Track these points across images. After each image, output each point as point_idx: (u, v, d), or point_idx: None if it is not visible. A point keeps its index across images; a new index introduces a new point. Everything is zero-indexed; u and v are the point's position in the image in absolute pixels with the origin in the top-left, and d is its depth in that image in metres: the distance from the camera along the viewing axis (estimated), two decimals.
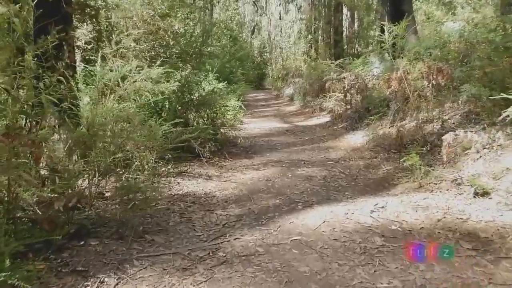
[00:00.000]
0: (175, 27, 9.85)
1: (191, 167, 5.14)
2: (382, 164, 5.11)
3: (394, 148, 5.60)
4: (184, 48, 6.87)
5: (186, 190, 4.12)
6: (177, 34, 10.99)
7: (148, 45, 7.85)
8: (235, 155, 6.08)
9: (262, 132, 8.65)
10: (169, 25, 8.86)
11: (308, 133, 8.30)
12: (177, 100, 5.77)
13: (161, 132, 4.46)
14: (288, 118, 10.99)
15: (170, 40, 8.37)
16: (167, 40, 8.35)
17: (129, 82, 3.93)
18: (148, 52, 8.04)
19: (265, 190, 4.16)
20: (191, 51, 6.18)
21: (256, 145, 6.94)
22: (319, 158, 5.77)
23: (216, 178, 4.69)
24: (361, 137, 6.82)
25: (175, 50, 8.35)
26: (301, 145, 6.93)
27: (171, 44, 8.49)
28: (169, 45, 8.46)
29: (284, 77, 19.21)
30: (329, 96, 10.43)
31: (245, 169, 5.15)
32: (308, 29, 19.43)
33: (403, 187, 4.10)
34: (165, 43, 8.32)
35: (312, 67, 13.82)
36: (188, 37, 7.34)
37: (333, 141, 7.14)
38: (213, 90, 5.80)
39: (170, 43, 8.48)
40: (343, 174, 4.80)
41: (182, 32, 10.96)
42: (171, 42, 8.49)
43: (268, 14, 31.10)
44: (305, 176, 4.71)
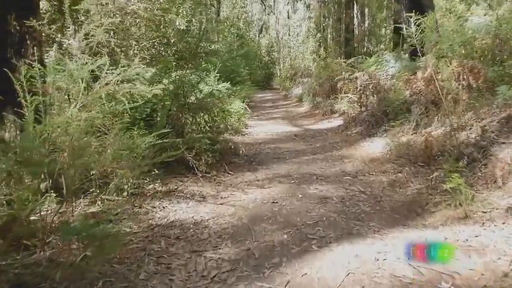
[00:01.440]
0: (176, 23, 9.05)
1: (184, 183, 4.31)
2: (410, 181, 4.22)
3: (422, 161, 4.71)
4: (179, 44, 6.01)
5: (172, 218, 3.28)
6: (180, 31, 10.21)
7: (149, 43, 7.04)
8: (237, 166, 5.23)
9: (269, 137, 7.79)
10: (170, 20, 8.05)
11: (319, 138, 7.42)
12: (172, 104, 4.94)
13: (144, 145, 3.64)
14: (297, 121, 10.11)
15: (171, 37, 7.56)
16: (168, 37, 7.54)
17: (100, 84, 3.11)
18: (148, 50, 7.23)
19: (270, 218, 3.30)
20: (188, 48, 5.37)
21: (262, 154, 6.09)
22: (334, 171, 4.90)
23: (211, 199, 3.85)
24: (380, 145, 5.92)
25: (176, 48, 7.54)
26: (312, 153, 6.05)
27: (172, 41, 7.69)
28: (170, 42, 7.66)
29: (292, 77, 18.32)
30: (341, 97, 9.55)
31: (247, 186, 4.30)
32: (317, 27, 18.48)
33: (443, 216, 3.21)
34: (166, 41, 7.51)
35: (321, 67, 12.91)
36: (185, 32, 6.47)
37: (348, 149, 6.25)
38: (211, 92, 4.95)
39: (171, 41, 7.67)
40: (364, 194, 3.92)
41: (184, 29, 10.17)
42: (172, 40, 7.68)
43: (276, 13, 30.21)
44: (319, 196, 3.84)
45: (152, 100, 4.86)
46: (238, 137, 7.59)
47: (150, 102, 4.84)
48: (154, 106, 4.82)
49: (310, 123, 9.57)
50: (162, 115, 4.57)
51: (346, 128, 7.92)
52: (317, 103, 11.35)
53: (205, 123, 4.95)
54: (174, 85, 4.96)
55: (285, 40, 27.16)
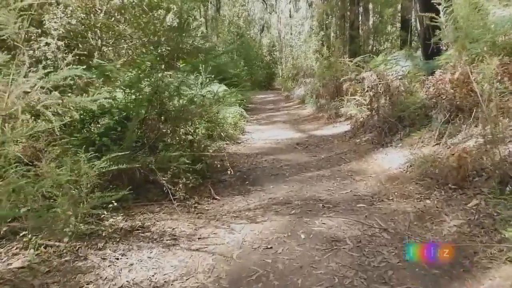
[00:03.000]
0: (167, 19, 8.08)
1: (154, 215, 3.33)
2: (443, 212, 3.22)
3: (454, 182, 3.71)
4: (164, 42, 5.03)
5: (122, 281, 2.30)
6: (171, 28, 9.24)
7: (138, 42, 6.06)
8: (226, 187, 4.25)
9: (267, 145, 6.80)
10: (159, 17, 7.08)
11: (324, 147, 6.42)
12: (147, 112, 3.97)
13: (95, 170, 2.67)
14: (299, 125, 9.11)
15: (161, 35, 6.59)
16: (159, 35, 6.57)
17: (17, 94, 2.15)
18: (136, 49, 6.26)
19: (260, 278, 2.32)
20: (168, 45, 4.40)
21: (257, 169, 5.09)
22: (344, 194, 3.90)
23: (185, 241, 2.86)
24: (397, 158, 4.92)
25: (167, 47, 6.56)
26: (316, 168, 5.06)
27: (162, 40, 6.71)
28: (161, 41, 6.68)
29: (294, 77, 17.30)
30: (347, 99, 8.54)
31: (234, 218, 3.31)
32: (320, 25, 17.46)
33: (505, 276, 2.22)
34: (156, 39, 6.54)
35: (325, 66, 11.90)
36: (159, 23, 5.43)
37: (358, 161, 5.25)
38: (192, 99, 3.97)
39: (162, 39, 6.69)
40: (386, 233, 2.92)
41: (176, 26, 9.19)
42: (162, 38, 6.70)
43: (278, 12, 29.22)
44: (327, 238, 2.85)
45: (122, 108, 3.89)
46: (232, 146, 6.61)
47: (117, 112, 3.87)
48: (122, 115, 3.84)
49: (313, 128, 8.57)
50: (131, 127, 3.59)
51: (354, 135, 6.92)
52: (321, 105, 10.35)
53: (185, 136, 3.97)
54: (149, 90, 3.99)
55: (287, 39, 26.17)
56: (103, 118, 3.58)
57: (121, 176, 3.63)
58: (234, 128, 7.84)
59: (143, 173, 3.49)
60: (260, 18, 28.51)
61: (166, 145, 3.78)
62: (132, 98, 4.12)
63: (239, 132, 7.88)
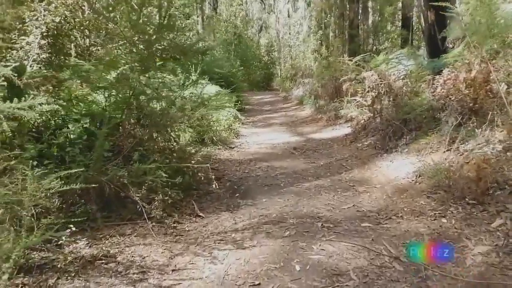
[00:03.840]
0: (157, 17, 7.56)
1: (125, 239, 2.82)
2: (463, 234, 2.71)
3: (472, 196, 3.20)
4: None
5: None
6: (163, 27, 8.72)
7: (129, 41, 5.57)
8: (213, 201, 3.73)
9: (262, 150, 6.29)
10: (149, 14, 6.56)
11: (323, 152, 5.91)
12: (123, 118, 3.46)
13: (42, 191, 2.16)
14: (297, 128, 8.60)
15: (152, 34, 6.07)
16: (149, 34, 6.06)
17: None
18: (126, 49, 5.76)
19: None
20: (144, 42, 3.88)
21: (250, 178, 4.58)
22: (346, 210, 3.39)
23: (155, 275, 2.35)
24: (404, 166, 4.40)
25: (159, 46, 6.04)
26: (314, 176, 4.55)
27: (153, 39, 6.19)
28: (151, 40, 6.17)
29: (292, 77, 16.79)
30: (347, 100, 8.04)
31: (218, 242, 2.79)
32: (319, 24, 16.95)
33: None
34: (146, 37, 6.02)
35: (324, 66, 11.40)
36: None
37: (361, 169, 4.74)
38: (172, 102, 3.45)
39: (152, 38, 6.18)
40: (397, 263, 2.40)
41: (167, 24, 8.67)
42: (153, 37, 6.19)
43: (276, 12, 28.73)
44: (326, 270, 2.33)
45: (91, 112, 3.38)
46: (225, 151, 6.10)
47: (88, 116, 3.36)
48: (95, 121, 3.33)
49: (312, 130, 8.05)
50: (101, 135, 3.08)
51: (356, 139, 6.41)
52: (319, 106, 9.83)
53: (165, 143, 3.45)
54: (124, 92, 3.48)
55: (285, 39, 25.68)
56: (73, 125, 3.06)
57: (90, 192, 3.12)
58: (228, 131, 7.33)
59: (113, 189, 2.97)
60: (258, 18, 28.01)
61: (142, 155, 3.26)
62: (108, 102, 3.62)
63: (233, 136, 7.37)
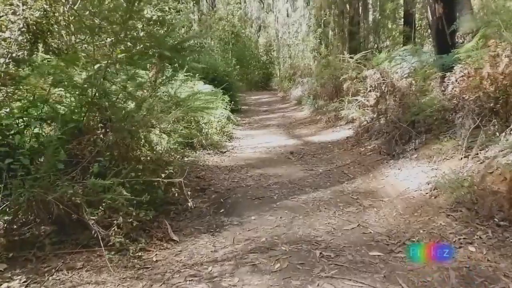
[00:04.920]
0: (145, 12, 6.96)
1: (71, 277, 2.21)
2: (500, 270, 2.11)
3: (500, 214, 2.61)
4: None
5: None
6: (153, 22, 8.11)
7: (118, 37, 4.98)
8: (191, 220, 3.13)
9: (256, 155, 5.68)
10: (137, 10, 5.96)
11: (322, 157, 5.30)
12: (84, 120, 2.86)
13: None
14: (294, 130, 7.99)
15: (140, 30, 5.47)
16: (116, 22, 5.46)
17: None
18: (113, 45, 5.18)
19: None
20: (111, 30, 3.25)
21: (239, 189, 3.97)
22: (350, 232, 2.78)
23: None
24: (414, 174, 3.80)
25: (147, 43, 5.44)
26: (313, 187, 3.94)
27: (141, 35, 5.60)
28: (140, 37, 5.58)
29: (291, 77, 16.17)
30: (348, 100, 7.45)
31: (190, 281, 2.19)
32: (318, 22, 16.32)
33: None
34: (135, 34, 5.43)
35: (323, 65, 10.80)
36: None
37: (365, 178, 4.13)
38: (141, 103, 2.84)
39: (141, 34, 5.59)
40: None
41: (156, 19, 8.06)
42: (141, 33, 5.59)
43: (275, 11, 28.10)
44: None
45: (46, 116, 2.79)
46: (214, 157, 5.50)
47: (39, 121, 2.76)
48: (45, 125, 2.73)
49: (310, 132, 7.44)
50: (48, 143, 2.48)
51: (358, 142, 5.81)
52: (319, 106, 9.21)
53: (130, 153, 2.84)
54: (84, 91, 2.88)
55: (284, 39, 25.04)
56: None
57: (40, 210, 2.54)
58: (221, 134, 6.73)
59: (62, 209, 2.37)
60: (257, 17, 27.39)
61: (104, 166, 2.66)
62: (68, 103, 3.02)
63: (226, 139, 6.76)
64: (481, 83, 3.56)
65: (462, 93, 4.43)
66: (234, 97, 10.41)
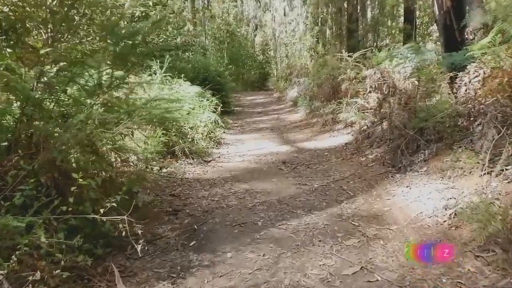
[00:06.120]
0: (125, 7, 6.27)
1: None
2: None
3: None
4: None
5: None
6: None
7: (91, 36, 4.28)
8: (152, 258, 2.46)
9: (243, 165, 5.00)
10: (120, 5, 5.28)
11: (318, 168, 4.64)
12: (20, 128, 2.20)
13: None
14: (288, 134, 7.32)
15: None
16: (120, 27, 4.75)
17: None
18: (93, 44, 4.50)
19: None
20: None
21: (217, 211, 3.30)
22: (351, 282, 2.11)
23: None
24: (427, 194, 3.14)
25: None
26: (305, 208, 3.28)
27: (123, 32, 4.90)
28: (121, 34, 4.87)
29: (287, 76, 15.49)
30: (347, 102, 6.80)
31: None
32: (315, 20, 15.66)
33: None
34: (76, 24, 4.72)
35: (320, 64, 10.12)
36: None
37: (367, 196, 3.47)
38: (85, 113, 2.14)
39: (122, 32, 4.89)
40: None
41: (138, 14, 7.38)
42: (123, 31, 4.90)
43: (272, 10, 27.41)
44: None
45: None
46: (196, 167, 4.83)
47: None
48: None
49: (305, 137, 6.78)
50: None
51: (358, 150, 5.14)
52: (315, 108, 8.54)
53: (67, 178, 2.18)
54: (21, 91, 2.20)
55: (281, 38, 24.36)
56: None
57: None
58: (207, 140, 6.06)
59: None
60: (254, 16, 26.71)
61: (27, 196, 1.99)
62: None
63: (213, 145, 6.09)
64: (501, 85, 2.89)
65: (478, 96, 3.79)
66: (226, 98, 9.75)
